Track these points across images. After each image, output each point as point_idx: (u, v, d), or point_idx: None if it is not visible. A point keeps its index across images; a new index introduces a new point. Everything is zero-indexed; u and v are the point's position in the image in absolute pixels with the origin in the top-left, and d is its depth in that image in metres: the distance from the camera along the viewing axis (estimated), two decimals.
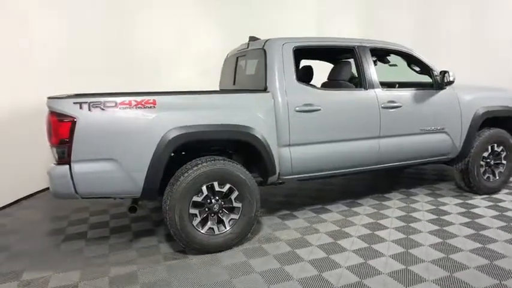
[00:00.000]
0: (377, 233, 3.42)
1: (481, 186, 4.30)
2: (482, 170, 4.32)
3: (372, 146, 3.66)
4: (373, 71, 3.70)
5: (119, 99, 2.75)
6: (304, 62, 4.27)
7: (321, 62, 4.89)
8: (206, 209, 3.05)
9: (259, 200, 3.19)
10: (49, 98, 2.68)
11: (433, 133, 3.97)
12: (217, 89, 4.57)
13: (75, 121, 2.64)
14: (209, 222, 3.06)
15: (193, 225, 2.98)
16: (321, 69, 4.35)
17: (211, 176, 2.98)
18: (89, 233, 3.63)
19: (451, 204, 4.12)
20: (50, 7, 4.88)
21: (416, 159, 4.00)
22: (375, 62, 4.52)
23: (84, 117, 2.66)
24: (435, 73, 3.98)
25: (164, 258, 3.03)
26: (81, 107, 2.66)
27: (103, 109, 2.70)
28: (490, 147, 4.30)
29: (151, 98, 2.83)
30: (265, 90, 3.31)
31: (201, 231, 3.02)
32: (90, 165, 2.70)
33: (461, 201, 4.21)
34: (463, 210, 3.92)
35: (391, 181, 5.16)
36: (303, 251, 3.10)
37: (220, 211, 3.11)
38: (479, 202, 4.14)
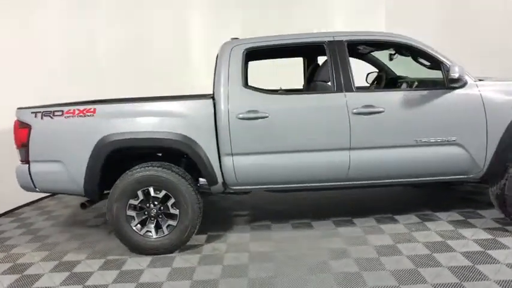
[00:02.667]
0: (332, 262, 2.92)
1: None
2: None
3: (340, 159, 3.10)
4: (347, 70, 3.11)
5: (65, 109, 3.12)
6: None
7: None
8: (145, 213, 3.18)
9: (197, 209, 3.13)
10: (18, 108, 3.24)
11: (438, 145, 3.09)
12: None
13: (31, 128, 3.13)
14: (146, 226, 3.19)
15: (130, 226, 3.16)
16: None
17: (144, 182, 3.09)
18: None
19: (470, 239, 3.15)
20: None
21: (412, 177, 3.19)
22: (392, 55, 3.82)
23: (37, 124, 3.12)
24: (448, 68, 3.08)
25: None
26: (35, 116, 3.13)
27: (52, 118, 3.12)
28: None
29: (92, 106, 3.11)
30: (212, 95, 3.20)
31: (139, 233, 3.17)
32: (42, 165, 3.16)
33: (489, 237, 3.17)
34: (477, 249, 2.96)
35: (421, 199, 4.26)
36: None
37: (160, 216, 3.19)
38: None
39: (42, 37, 4.98)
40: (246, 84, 3.16)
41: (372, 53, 4.23)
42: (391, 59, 3.92)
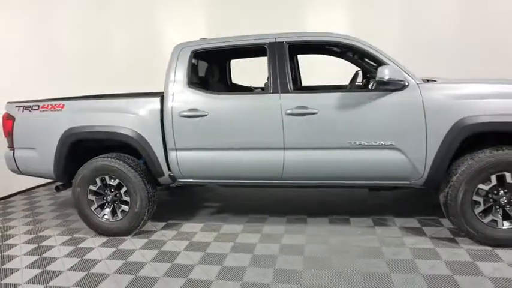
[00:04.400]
0: (252, 265, 3.03)
1: (473, 231, 2.94)
2: (479, 209, 2.93)
3: (274, 159, 3.17)
4: (284, 71, 3.15)
5: (41, 104, 3.60)
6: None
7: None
8: (103, 198, 3.56)
9: (145, 197, 3.42)
10: (7, 103, 3.79)
11: (374, 149, 3.01)
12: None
13: (14, 119, 3.66)
14: (104, 210, 3.57)
15: (91, 209, 3.55)
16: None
17: (100, 170, 3.46)
18: None
19: (409, 247, 3.04)
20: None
21: (349, 180, 3.15)
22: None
23: (19, 116, 3.65)
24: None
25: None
26: (18, 110, 3.66)
27: (30, 111, 3.62)
28: (495, 177, 2.86)
29: (61, 102, 3.55)
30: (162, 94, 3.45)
31: (98, 216, 3.56)
32: (23, 151, 3.68)
33: (430, 246, 3.03)
34: (406, 258, 2.86)
35: (395, 202, 4.11)
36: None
37: (116, 202, 3.55)
38: (450, 253, 2.88)
39: (57, 38, 5.62)
40: (190, 83, 3.35)
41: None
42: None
